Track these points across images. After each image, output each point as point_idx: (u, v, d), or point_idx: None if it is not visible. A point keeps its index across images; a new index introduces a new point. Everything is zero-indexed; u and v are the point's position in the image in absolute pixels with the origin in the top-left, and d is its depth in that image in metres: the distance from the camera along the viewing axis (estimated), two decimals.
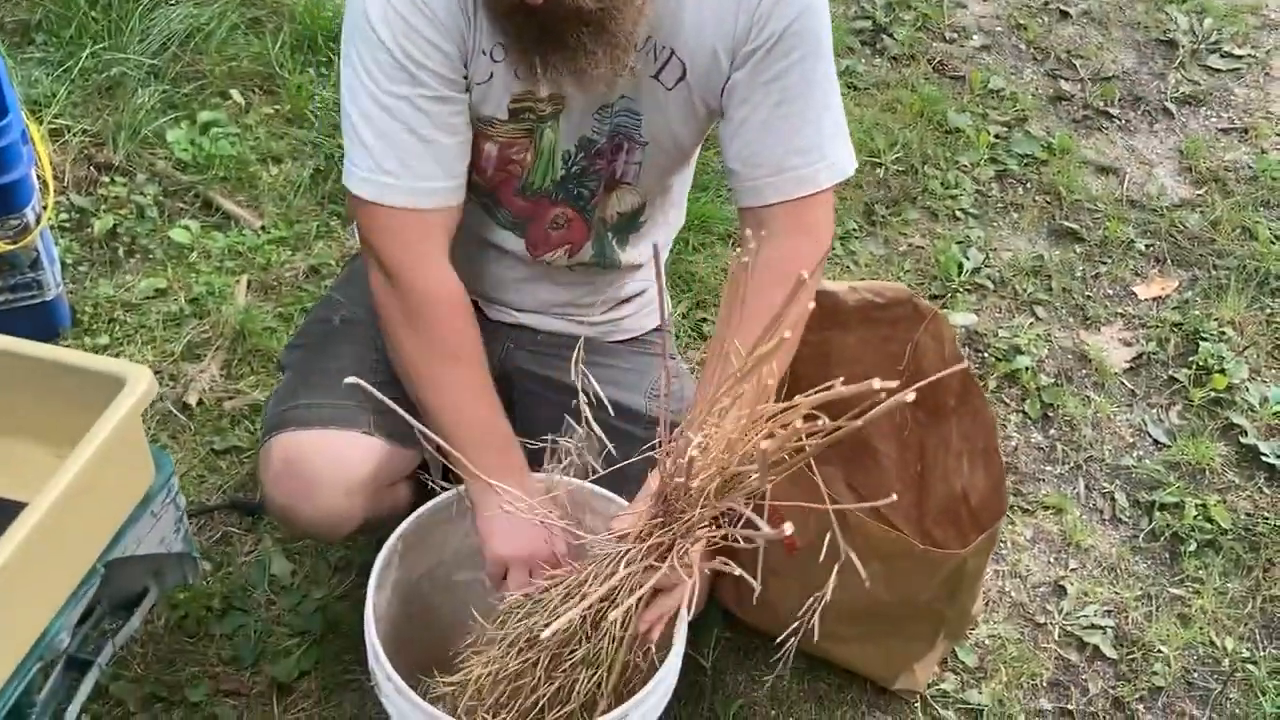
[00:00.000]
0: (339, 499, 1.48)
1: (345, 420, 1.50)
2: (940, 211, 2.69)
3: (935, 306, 1.73)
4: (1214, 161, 2.90)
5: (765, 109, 1.40)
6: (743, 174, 1.44)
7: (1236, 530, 2.07)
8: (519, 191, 1.52)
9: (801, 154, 1.41)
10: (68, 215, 2.39)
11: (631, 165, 1.51)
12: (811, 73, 1.39)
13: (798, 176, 1.42)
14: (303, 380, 1.58)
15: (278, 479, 1.48)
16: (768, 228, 1.42)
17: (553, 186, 1.51)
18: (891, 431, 1.83)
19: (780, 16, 1.35)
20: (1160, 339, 2.43)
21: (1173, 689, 1.84)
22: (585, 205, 1.54)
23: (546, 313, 1.69)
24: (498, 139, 1.45)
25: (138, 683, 1.69)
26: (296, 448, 1.48)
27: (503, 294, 1.67)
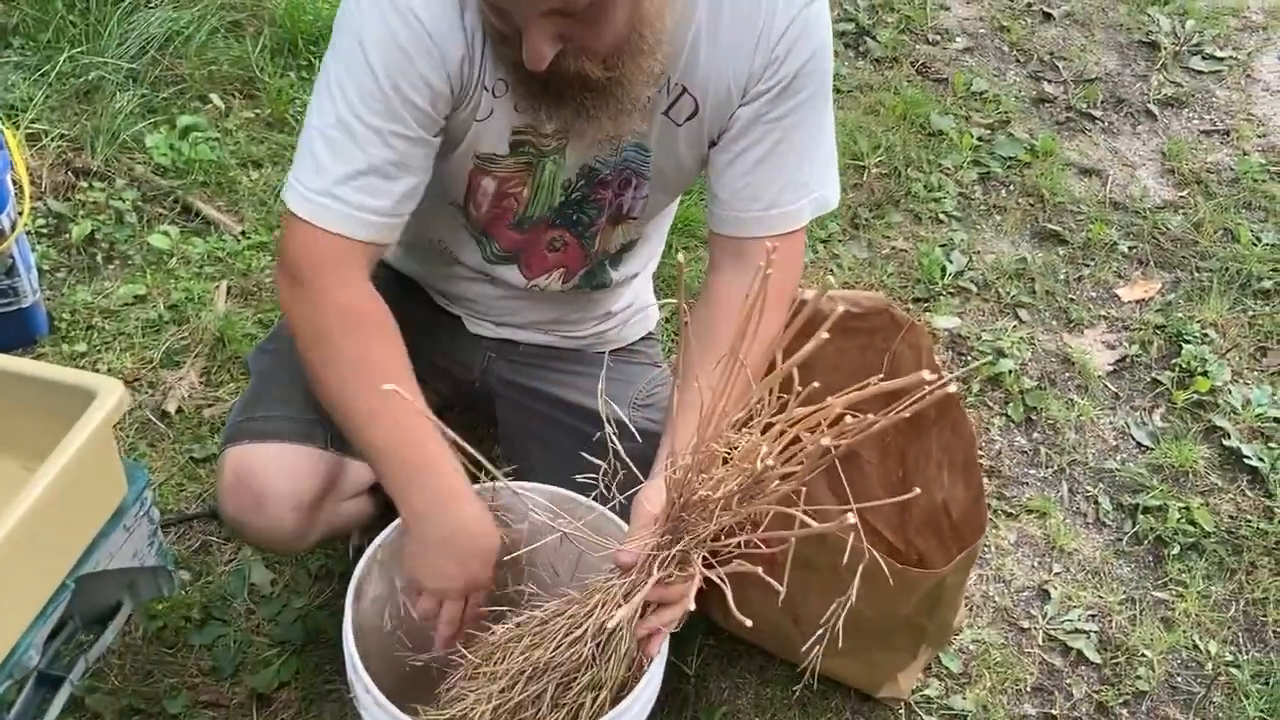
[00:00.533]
0: (287, 514, 1.46)
1: (300, 434, 1.48)
2: (923, 214, 2.68)
3: (913, 316, 1.72)
4: (1196, 163, 2.91)
5: (765, 145, 1.38)
6: (729, 204, 1.42)
7: (1219, 533, 2.07)
8: (514, 225, 1.50)
9: (792, 191, 1.40)
10: (45, 221, 2.37)
11: (639, 200, 1.49)
12: (813, 111, 1.38)
13: (785, 214, 1.41)
14: (266, 390, 1.56)
15: (229, 491, 1.46)
16: (747, 259, 1.41)
17: (550, 213, 1.49)
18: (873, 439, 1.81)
19: (796, 58, 1.34)
20: (1143, 341, 2.43)
21: (1156, 693, 1.84)
22: (584, 232, 1.52)
23: (531, 328, 1.68)
24: (496, 175, 1.42)
25: (115, 695, 1.67)
26: (248, 462, 1.46)
27: (488, 313, 1.66)
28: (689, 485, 1.21)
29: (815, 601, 1.57)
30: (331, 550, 1.89)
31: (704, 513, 1.21)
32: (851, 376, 1.78)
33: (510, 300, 1.63)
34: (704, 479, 1.19)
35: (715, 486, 1.19)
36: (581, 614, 1.31)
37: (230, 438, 1.49)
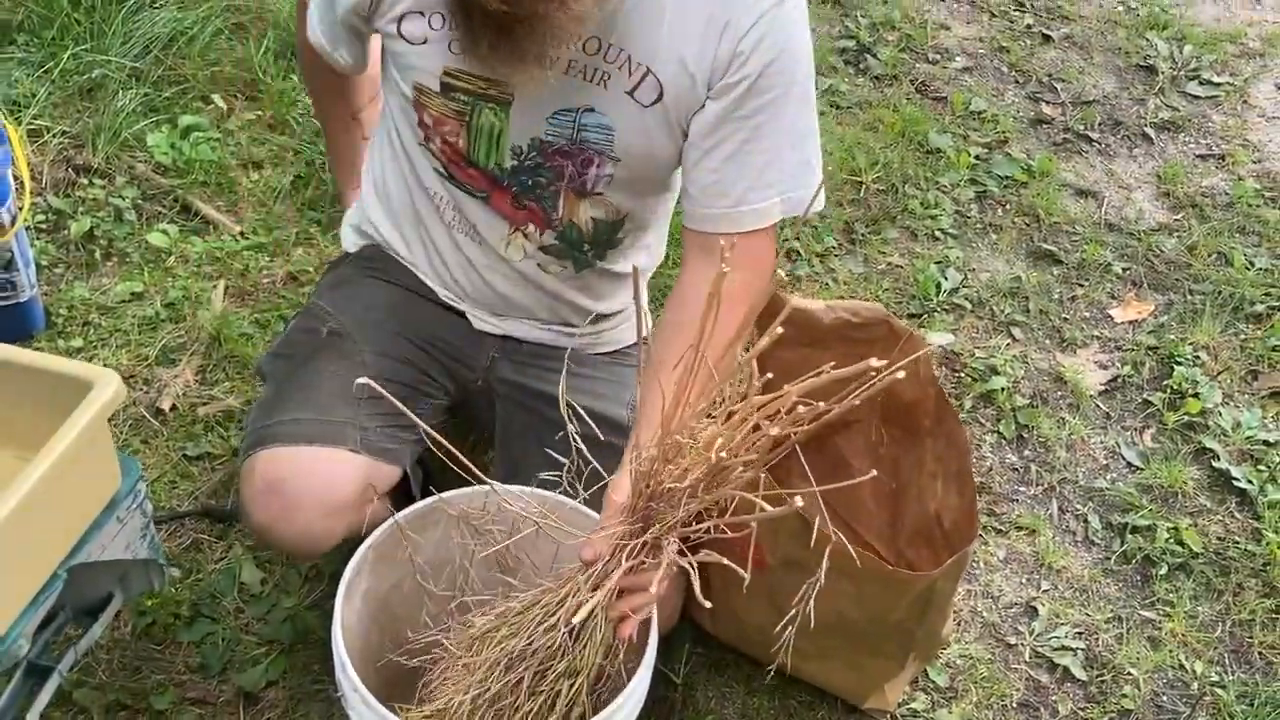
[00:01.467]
0: (320, 520, 1.46)
1: (332, 437, 1.48)
2: (920, 231, 2.70)
3: (911, 328, 1.73)
4: (1191, 187, 2.93)
5: (733, 143, 1.41)
6: (699, 200, 1.45)
7: (1207, 554, 2.08)
8: (467, 163, 1.52)
9: (760, 190, 1.42)
10: (44, 217, 2.38)
11: (602, 178, 1.51)
12: (784, 112, 1.40)
13: (754, 211, 1.43)
14: (288, 394, 1.55)
15: (259, 497, 1.45)
16: (715, 255, 1.42)
17: (500, 173, 1.51)
18: (867, 449, 1.83)
19: (761, 56, 1.36)
20: (1135, 362, 2.44)
21: (1142, 712, 1.84)
22: (542, 195, 1.53)
23: (529, 321, 1.69)
24: (431, 111, 1.48)
25: (101, 690, 1.67)
26: (279, 466, 1.46)
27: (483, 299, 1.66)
28: (655, 475, 1.22)
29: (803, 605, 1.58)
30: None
31: (671, 501, 1.22)
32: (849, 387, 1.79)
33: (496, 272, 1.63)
34: (670, 469, 1.20)
35: (681, 476, 1.20)
36: (554, 602, 1.32)
37: (256, 442, 1.48)
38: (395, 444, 1.55)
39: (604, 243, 1.61)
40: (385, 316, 1.66)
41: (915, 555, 1.76)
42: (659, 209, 1.66)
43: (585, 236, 1.58)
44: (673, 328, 1.42)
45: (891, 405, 1.76)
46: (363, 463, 1.49)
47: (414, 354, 1.65)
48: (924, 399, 1.69)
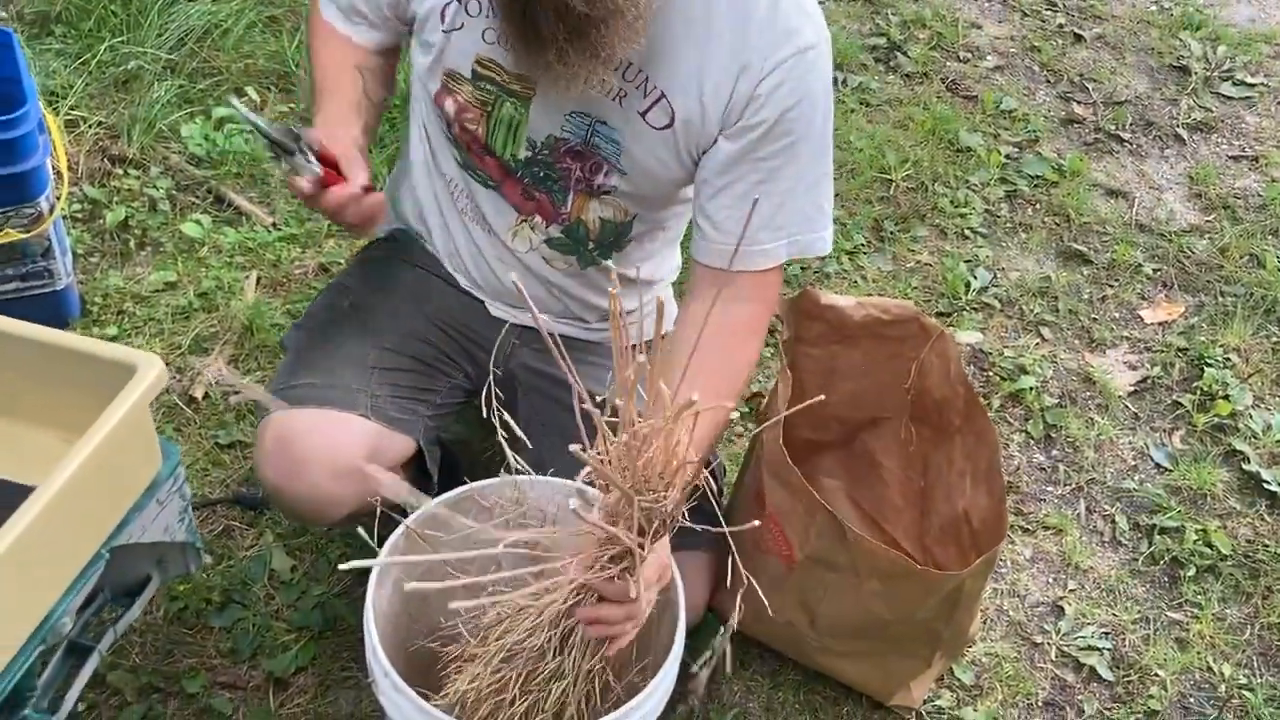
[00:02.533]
0: (328, 480, 1.48)
1: (342, 401, 1.51)
2: (949, 229, 2.69)
3: (942, 325, 1.73)
4: (1224, 188, 2.91)
5: (746, 185, 1.43)
6: (709, 234, 1.47)
7: (1237, 557, 2.07)
8: (485, 151, 1.54)
9: (770, 231, 1.44)
10: (80, 206, 2.40)
11: (609, 183, 1.52)
12: (799, 157, 1.42)
13: (763, 251, 1.45)
14: (304, 360, 1.59)
15: (269, 457, 1.48)
16: (726, 290, 1.43)
17: (515, 164, 1.53)
18: (896, 447, 1.83)
19: (779, 102, 1.37)
20: (1165, 363, 2.43)
21: (1169, 713, 1.84)
22: (553, 188, 1.55)
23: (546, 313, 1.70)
24: (457, 97, 1.49)
25: (135, 672, 1.69)
26: (289, 426, 1.48)
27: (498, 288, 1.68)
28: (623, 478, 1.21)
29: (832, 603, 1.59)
30: (351, 540, 1.90)
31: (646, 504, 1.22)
32: (879, 383, 1.80)
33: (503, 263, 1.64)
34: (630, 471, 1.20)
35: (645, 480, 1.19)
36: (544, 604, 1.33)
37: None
38: (407, 415, 1.57)
39: (610, 244, 1.62)
40: (407, 296, 1.69)
41: (943, 554, 1.76)
42: (669, 222, 1.67)
43: (591, 234, 1.60)
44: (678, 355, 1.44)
45: (921, 403, 1.76)
46: (372, 429, 1.51)
47: (433, 334, 1.67)
48: (954, 397, 1.69)
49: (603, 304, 1.70)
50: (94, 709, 1.64)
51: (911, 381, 1.74)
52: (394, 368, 1.59)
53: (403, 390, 1.58)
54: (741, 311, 1.45)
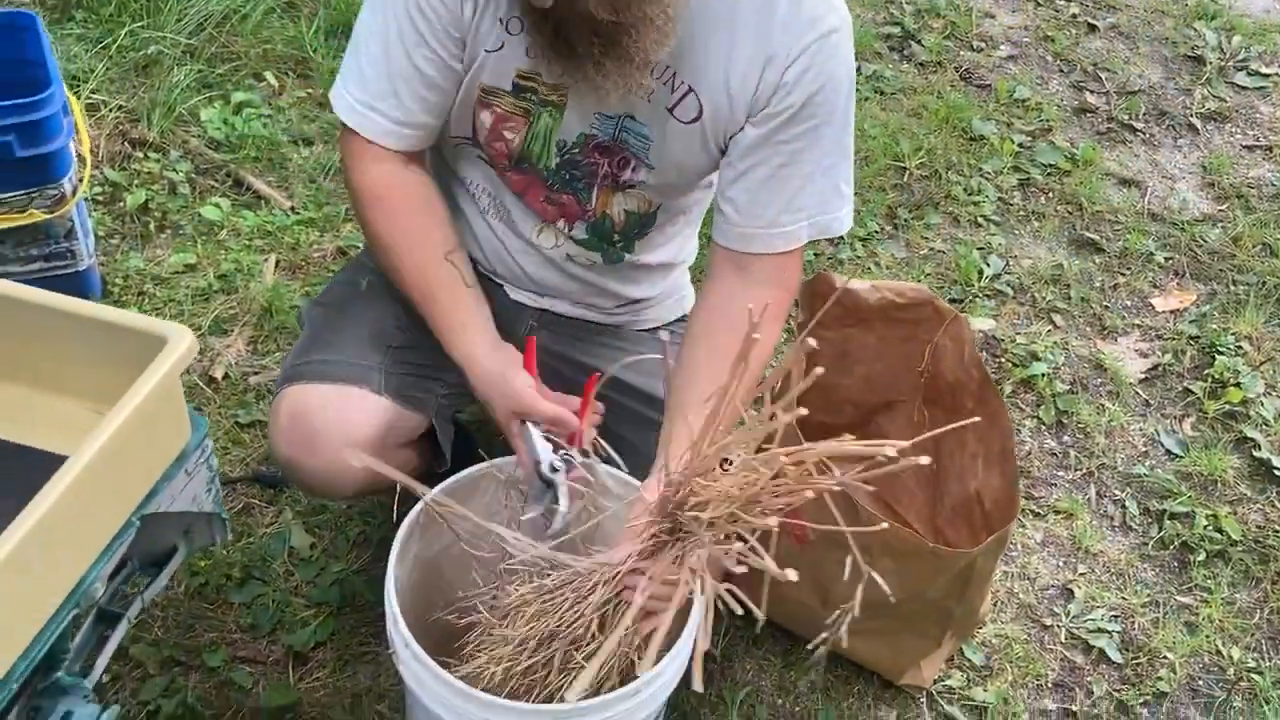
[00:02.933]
0: (338, 454, 1.50)
1: (356, 377, 1.53)
2: (962, 217, 2.71)
3: (956, 309, 1.75)
4: (1237, 178, 2.92)
5: (769, 168, 1.43)
6: (731, 218, 1.47)
7: (1246, 542, 2.08)
8: (511, 164, 1.54)
9: (791, 214, 1.45)
10: (101, 189, 2.43)
11: (636, 179, 1.53)
12: (822, 139, 1.42)
13: (785, 234, 1.46)
14: (320, 337, 1.61)
15: (283, 431, 1.51)
16: (747, 273, 1.46)
17: (546, 173, 1.54)
18: (909, 430, 1.85)
19: (805, 87, 1.38)
20: (1176, 351, 2.44)
21: (1177, 695, 1.85)
22: (579, 188, 1.56)
23: (565, 299, 1.72)
24: (495, 110, 1.48)
25: (157, 645, 1.72)
26: (304, 401, 1.51)
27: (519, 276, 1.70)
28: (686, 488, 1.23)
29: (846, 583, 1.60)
30: (370, 517, 1.93)
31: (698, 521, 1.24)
32: (893, 367, 1.82)
33: (532, 264, 1.66)
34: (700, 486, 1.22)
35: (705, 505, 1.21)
36: (585, 589, 1.36)
37: (286, 379, 1.54)
38: (421, 393, 1.59)
39: (634, 235, 1.63)
40: None
41: (955, 534, 1.78)
42: (692, 208, 1.68)
43: (616, 227, 1.61)
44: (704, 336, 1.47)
45: (934, 386, 1.78)
46: (385, 405, 1.53)
47: None
48: (967, 380, 1.71)
49: (622, 292, 1.71)
50: (117, 680, 1.67)
51: (925, 364, 1.76)
52: (409, 345, 1.61)
53: (417, 369, 1.60)
54: (760, 295, 1.46)
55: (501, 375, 1.46)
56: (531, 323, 1.72)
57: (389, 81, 1.43)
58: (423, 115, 1.47)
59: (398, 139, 1.47)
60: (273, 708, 1.68)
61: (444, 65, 1.43)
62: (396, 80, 1.43)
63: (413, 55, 1.42)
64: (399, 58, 1.42)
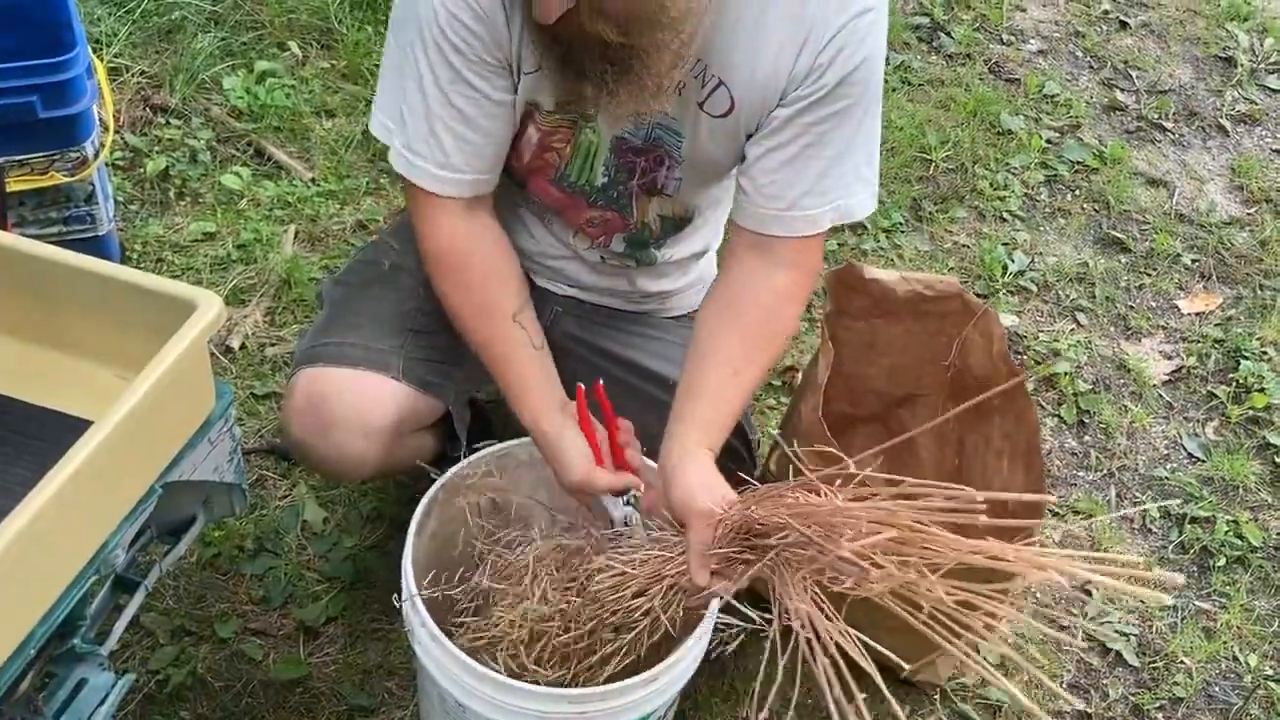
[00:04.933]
0: (356, 441, 1.48)
1: (375, 362, 1.51)
2: (988, 212, 2.68)
3: (986, 304, 1.72)
4: (1266, 182, 2.88)
5: (795, 148, 1.38)
6: (753, 198, 1.42)
7: (1267, 549, 2.06)
8: (554, 181, 1.51)
9: (815, 197, 1.40)
10: (122, 154, 2.41)
11: (672, 180, 1.50)
12: (850, 121, 1.37)
13: (807, 217, 1.41)
14: (340, 318, 1.59)
15: (298, 413, 1.49)
16: (768, 255, 1.42)
17: (590, 190, 1.51)
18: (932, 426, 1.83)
19: (840, 67, 1.33)
20: (1201, 354, 2.42)
21: (1193, 700, 1.84)
22: (619, 200, 1.53)
23: (594, 291, 1.70)
24: (542, 126, 1.44)
25: (168, 615, 1.71)
26: (321, 384, 1.48)
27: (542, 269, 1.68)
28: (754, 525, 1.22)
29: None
30: (384, 494, 1.92)
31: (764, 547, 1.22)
32: (919, 360, 1.80)
33: (560, 260, 1.64)
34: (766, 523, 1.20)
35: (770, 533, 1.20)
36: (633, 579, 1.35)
37: (303, 360, 1.51)
38: (439, 379, 1.57)
39: (669, 237, 1.61)
40: None
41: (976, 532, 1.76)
42: (723, 197, 1.65)
43: (653, 234, 1.59)
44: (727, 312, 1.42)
45: (960, 381, 1.76)
46: (402, 391, 1.51)
47: None
48: (995, 376, 1.68)
49: (653, 288, 1.69)
50: (128, 648, 1.66)
51: (952, 359, 1.73)
52: (429, 330, 1.58)
53: (437, 353, 1.58)
54: (782, 277, 1.43)
55: (559, 450, 1.42)
56: (557, 309, 1.70)
57: (427, 123, 1.37)
58: (474, 159, 1.40)
59: (457, 186, 1.41)
60: (283, 681, 1.67)
61: (486, 102, 1.37)
62: (432, 122, 1.37)
63: (450, 95, 1.35)
64: (436, 99, 1.36)
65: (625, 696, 1.33)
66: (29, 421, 1.12)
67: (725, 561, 1.25)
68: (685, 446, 1.33)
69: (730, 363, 1.39)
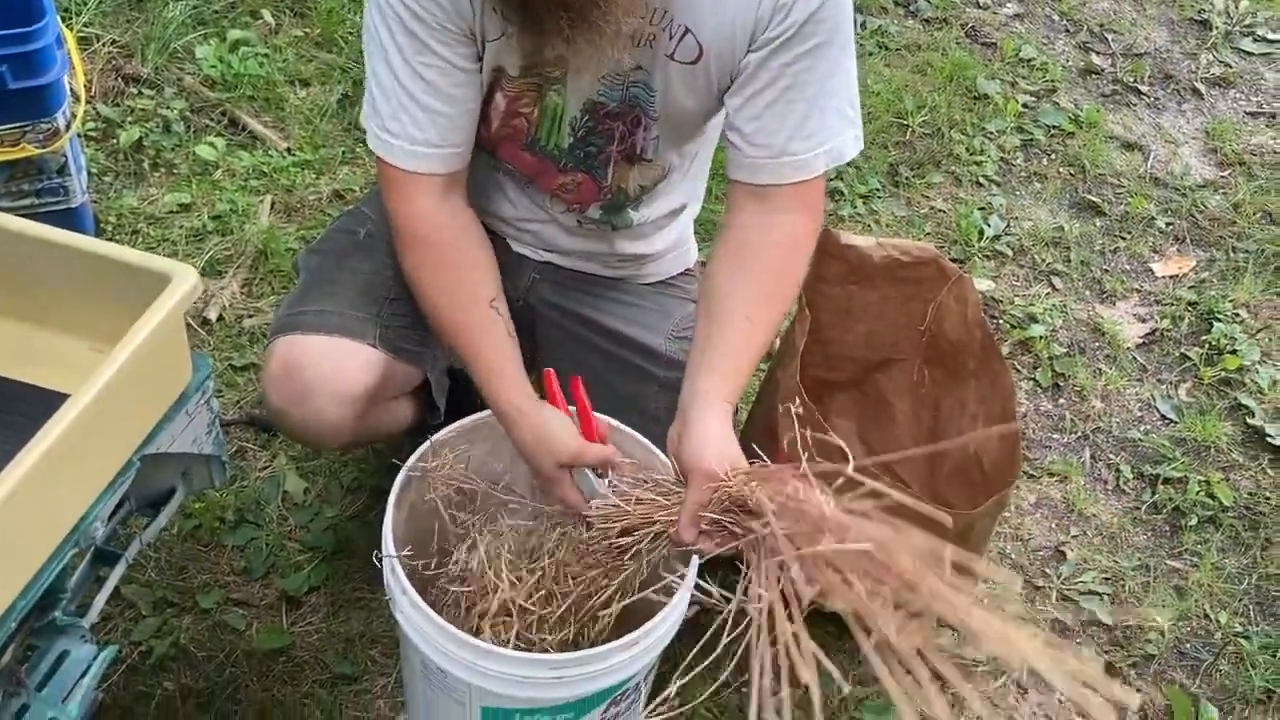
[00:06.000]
0: (332, 408, 1.48)
1: (351, 330, 1.51)
2: (964, 176, 2.69)
3: (961, 269, 1.73)
4: (1240, 144, 2.90)
5: (774, 91, 1.38)
6: (742, 149, 1.42)
7: (1238, 508, 2.09)
8: (526, 146, 1.51)
9: (804, 140, 1.40)
10: (94, 125, 2.39)
11: (650, 141, 1.50)
12: (824, 59, 1.37)
13: (796, 163, 1.41)
14: (316, 287, 1.58)
15: (275, 381, 1.48)
16: (767, 203, 1.42)
17: (559, 153, 1.50)
18: (908, 389, 1.85)
19: (805, 5, 1.33)
20: (1174, 317, 2.44)
21: (1165, 657, 1.87)
22: (593, 163, 1.53)
23: (571, 255, 1.70)
24: (508, 91, 1.44)
25: (150, 587, 1.72)
26: (297, 352, 1.48)
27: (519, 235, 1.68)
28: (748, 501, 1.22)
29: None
30: (365, 464, 1.92)
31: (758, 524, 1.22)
32: (894, 325, 1.81)
33: (535, 224, 1.64)
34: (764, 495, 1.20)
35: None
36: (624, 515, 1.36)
37: (279, 329, 1.51)
38: (416, 346, 1.57)
39: (645, 198, 1.61)
40: None
41: (953, 496, 1.78)
42: (699, 152, 1.65)
43: (630, 198, 1.59)
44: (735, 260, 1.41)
45: (936, 346, 1.77)
46: (379, 358, 1.51)
47: None
48: (970, 340, 1.70)
49: (630, 250, 1.69)
50: (109, 620, 1.67)
51: (928, 324, 1.75)
52: (406, 297, 1.58)
53: (414, 321, 1.58)
54: (785, 222, 1.42)
55: (547, 429, 1.40)
56: (534, 275, 1.70)
57: (397, 99, 1.37)
58: (448, 132, 1.40)
59: (431, 162, 1.41)
60: (266, 650, 1.68)
61: (452, 70, 1.36)
62: (401, 97, 1.37)
63: (416, 67, 1.36)
64: (404, 72, 1.36)
65: (605, 661, 1.34)
66: (4, 395, 1.12)
67: (715, 525, 1.25)
68: (708, 399, 1.32)
69: (744, 311, 1.38)
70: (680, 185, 1.66)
